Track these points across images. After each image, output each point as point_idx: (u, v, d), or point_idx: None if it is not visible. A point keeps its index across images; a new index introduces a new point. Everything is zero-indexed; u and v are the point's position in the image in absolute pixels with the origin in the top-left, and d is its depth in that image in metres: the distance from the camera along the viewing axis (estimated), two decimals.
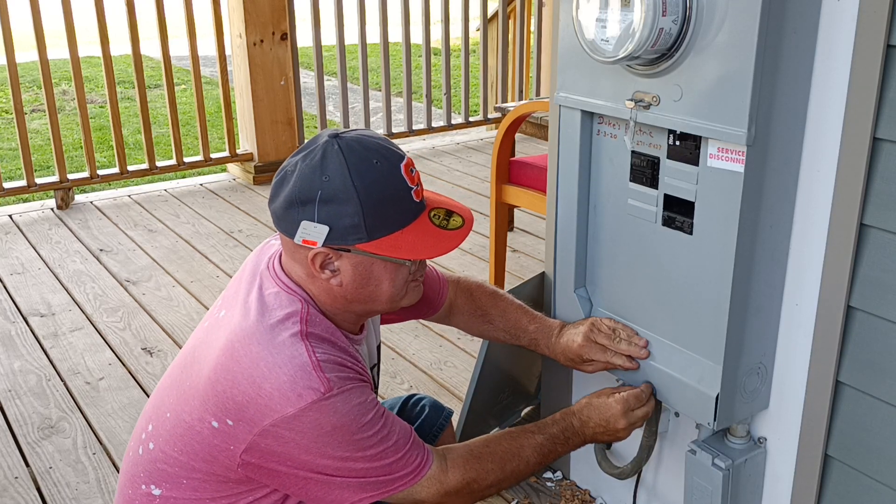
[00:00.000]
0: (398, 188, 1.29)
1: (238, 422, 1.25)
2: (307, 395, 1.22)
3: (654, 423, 1.69)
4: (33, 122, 6.44)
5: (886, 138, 1.32)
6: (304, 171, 1.27)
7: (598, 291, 1.77)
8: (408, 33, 4.88)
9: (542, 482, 2.12)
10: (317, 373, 1.23)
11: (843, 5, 1.33)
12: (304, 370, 1.23)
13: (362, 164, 1.26)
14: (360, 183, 1.25)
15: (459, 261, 3.51)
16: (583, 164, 1.70)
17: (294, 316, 1.30)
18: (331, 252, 1.29)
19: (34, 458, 2.27)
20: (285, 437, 1.23)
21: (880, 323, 1.40)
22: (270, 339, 1.27)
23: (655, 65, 1.45)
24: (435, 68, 5.26)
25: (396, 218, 1.29)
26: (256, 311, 1.31)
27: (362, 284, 1.32)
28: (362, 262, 1.30)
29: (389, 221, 1.28)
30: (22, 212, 4.16)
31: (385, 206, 1.27)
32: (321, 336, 1.30)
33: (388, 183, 1.27)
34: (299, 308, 1.31)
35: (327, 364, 1.25)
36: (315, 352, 1.25)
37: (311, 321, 1.31)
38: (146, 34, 4.36)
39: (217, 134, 5.78)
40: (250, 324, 1.30)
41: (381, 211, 1.27)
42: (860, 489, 1.49)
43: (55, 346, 2.84)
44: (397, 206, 1.29)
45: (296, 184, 1.27)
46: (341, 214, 1.25)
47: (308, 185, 1.26)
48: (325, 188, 1.25)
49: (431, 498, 1.32)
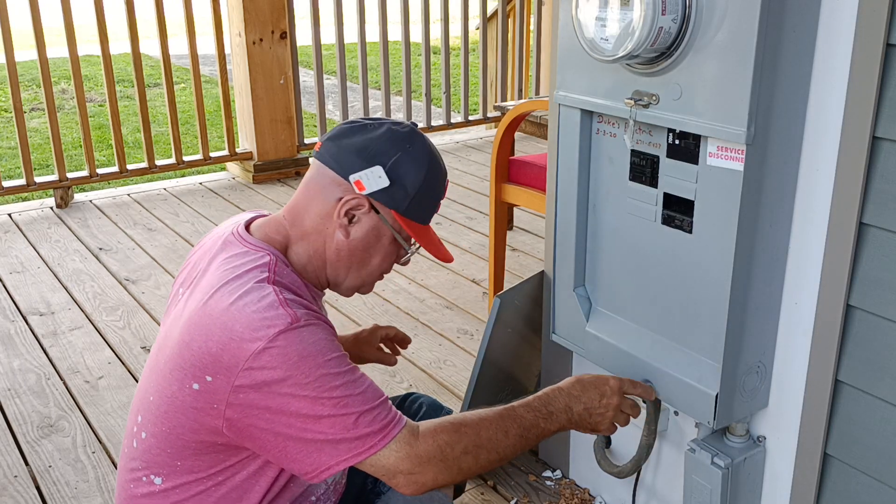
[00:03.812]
0: (440, 193, 1.44)
1: (216, 375, 1.25)
2: (274, 327, 1.22)
3: (654, 421, 1.69)
4: (32, 120, 6.44)
5: (886, 137, 1.32)
6: (395, 133, 1.38)
7: (597, 290, 1.77)
8: (407, 32, 4.88)
9: (541, 481, 2.12)
10: (283, 308, 1.25)
11: (842, 4, 1.33)
12: (271, 307, 1.25)
13: (438, 160, 1.43)
14: (431, 168, 1.40)
15: (459, 260, 3.51)
16: (582, 162, 1.70)
17: (262, 267, 1.33)
18: (366, 204, 1.37)
19: (33, 457, 2.27)
20: (258, 379, 1.22)
21: (880, 322, 1.40)
22: (238, 287, 1.28)
23: (655, 63, 1.45)
24: (434, 67, 5.26)
25: (427, 213, 1.43)
26: (223, 271, 1.33)
27: (363, 247, 1.40)
28: (379, 228, 1.39)
29: (423, 212, 1.42)
30: (21, 210, 4.16)
31: (429, 199, 1.41)
32: (287, 286, 1.33)
33: (441, 183, 1.44)
34: (267, 261, 1.34)
35: (293, 302, 1.27)
36: (281, 293, 1.28)
37: (278, 272, 1.34)
38: (145, 33, 4.36)
39: (216, 133, 5.78)
40: (217, 281, 1.31)
41: (425, 200, 1.40)
42: (859, 488, 1.50)
43: (55, 345, 2.84)
44: (432, 204, 1.43)
45: (382, 136, 1.36)
46: (404, 181, 1.36)
47: (393, 144, 1.36)
48: (408, 153, 1.37)
49: (402, 464, 1.27)
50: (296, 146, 4.64)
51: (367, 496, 1.68)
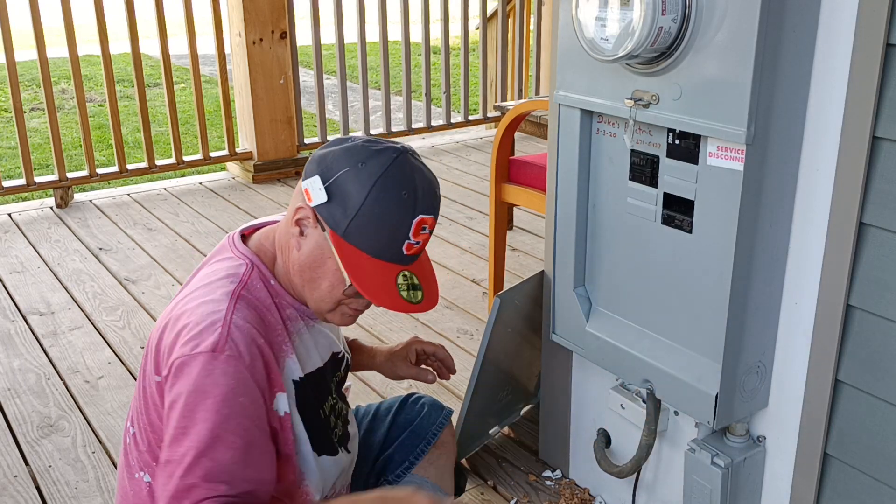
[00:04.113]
0: (398, 227, 1.28)
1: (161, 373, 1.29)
2: (201, 346, 1.23)
3: (654, 421, 1.69)
4: (32, 120, 6.43)
5: (886, 137, 1.32)
6: (357, 147, 1.29)
7: (597, 290, 1.77)
8: (407, 32, 4.88)
9: (541, 481, 2.12)
10: (222, 328, 1.25)
11: (842, 4, 1.33)
12: (213, 325, 1.25)
13: (393, 184, 1.26)
14: (375, 195, 1.25)
15: (459, 260, 3.51)
16: (582, 162, 1.70)
17: (233, 277, 1.32)
18: (312, 217, 1.29)
19: (33, 457, 2.27)
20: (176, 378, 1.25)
21: (879, 321, 1.40)
22: (205, 293, 1.30)
23: (655, 63, 1.45)
24: (434, 67, 5.26)
25: (375, 245, 1.28)
26: (201, 276, 1.36)
27: (311, 266, 1.32)
28: (323, 248, 1.30)
29: (368, 241, 1.27)
30: (21, 210, 4.16)
31: (374, 229, 1.27)
32: (254, 303, 1.31)
33: (393, 216, 1.27)
34: (242, 270, 1.33)
35: (236, 330, 1.25)
36: (234, 312, 1.27)
37: (250, 285, 1.32)
38: (145, 33, 4.36)
39: (216, 133, 5.78)
40: (192, 286, 1.35)
41: (368, 228, 1.26)
42: (859, 487, 1.50)
43: (54, 345, 2.84)
44: (383, 238, 1.28)
45: (344, 148, 1.29)
46: (343, 199, 1.26)
47: (346, 157, 1.28)
48: (353, 172, 1.27)
49: None
50: (296, 146, 4.64)
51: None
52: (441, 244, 3.69)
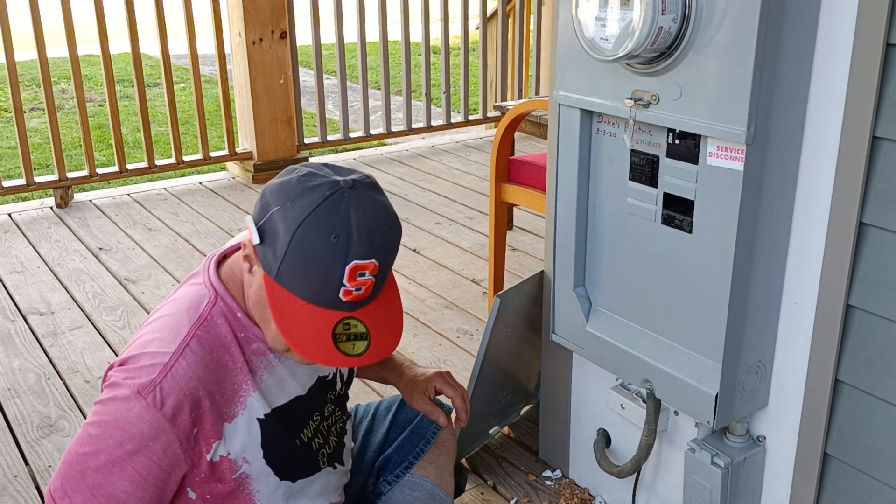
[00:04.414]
0: (329, 273, 1.17)
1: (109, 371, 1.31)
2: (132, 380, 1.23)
3: (654, 421, 1.69)
4: (32, 120, 6.43)
5: (886, 137, 1.32)
6: (292, 182, 1.21)
7: (597, 290, 1.77)
8: (407, 32, 4.88)
9: (541, 480, 2.12)
10: (157, 375, 1.23)
11: (842, 4, 1.33)
12: (153, 367, 1.24)
13: (320, 227, 1.16)
14: (300, 239, 1.16)
15: (459, 259, 3.51)
16: (582, 162, 1.70)
17: (195, 312, 1.29)
18: (254, 256, 1.24)
19: (33, 457, 2.27)
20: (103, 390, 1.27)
21: (879, 321, 1.40)
22: (164, 326, 1.28)
23: (655, 63, 1.45)
24: (434, 67, 5.26)
25: (307, 290, 1.19)
26: (170, 302, 1.34)
27: (259, 306, 1.26)
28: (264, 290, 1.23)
29: (299, 286, 1.19)
30: (21, 210, 4.16)
31: (304, 274, 1.18)
32: (209, 343, 1.27)
33: (320, 263, 1.17)
34: (204, 305, 1.29)
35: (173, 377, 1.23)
36: (182, 357, 1.24)
37: (209, 322, 1.28)
38: (145, 33, 4.36)
39: (216, 132, 5.78)
40: (161, 311, 1.33)
41: (298, 273, 1.18)
42: (859, 487, 1.50)
43: (54, 345, 2.84)
44: (315, 283, 1.18)
45: (280, 183, 1.23)
46: (273, 241, 1.19)
47: (278, 195, 1.21)
48: (281, 211, 1.19)
49: None
50: (296, 146, 4.64)
51: (368, 496, 1.68)
52: (441, 244, 3.69)
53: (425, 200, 4.27)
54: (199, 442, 1.27)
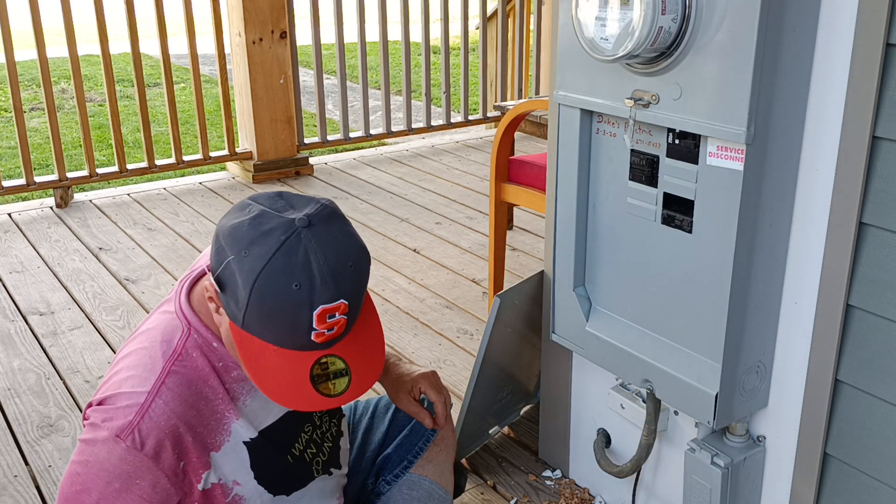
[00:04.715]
0: (295, 320, 1.12)
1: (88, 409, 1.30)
2: (110, 422, 1.22)
3: (654, 421, 1.69)
4: (32, 120, 6.43)
5: (885, 137, 1.32)
6: (243, 228, 1.14)
7: (597, 290, 1.77)
8: (407, 32, 4.88)
9: (541, 480, 2.12)
10: (134, 416, 1.21)
11: (842, 4, 1.33)
12: (130, 408, 1.22)
13: (280, 276, 1.10)
14: (260, 290, 1.10)
15: (459, 259, 3.51)
16: (582, 162, 1.70)
17: (168, 345, 1.26)
18: (216, 301, 1.20)
19: (33, 457, 2.27)
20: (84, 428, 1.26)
21: (879, 321, 1.40)
22: (138, 362, 1.26)
23: (655, 63, 1.45)
24: (434, 67, 5.26)
25: (276, 336, 1.14)
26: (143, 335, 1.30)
27: (230, 347, 1.23)
28: None
29: (267, 333, 1.14)
30: (21, 210, 4.16)
31: (270, 322, 1.13)
32: (186, 377, 1.25)
33: (285, 313, 1.11)
34: (177, 338, 1.26)
35: (151, 418, 1.21)
36: (157, 397, 1.22)
37: (184, 356, 1.25)
38: (145, 32, 4.36)
39: (216, 132, 5.78)
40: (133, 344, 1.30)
41: (263, 322, 1.13)
42: (859, 487, 1.50)
43: (54, 345, 2.84)
44: (283, 330, 1.13)
45: (232, 228, 1.15)
46: (233, 290, 1.14)
47: (231, 243, 1.14)
48: (237, 261, 1.12)
49: None
50: (296, 146, 4.64)
51: (367, 496, 1.68)
52: (441, 244, 3.70)
53: (425, 200, 4.27)
54: (188, 474, 1.26)
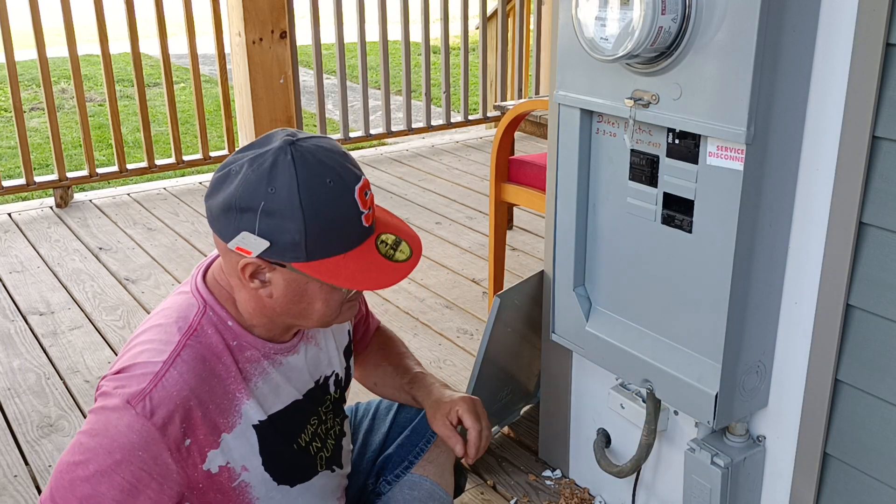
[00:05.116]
0: (348, 212, 1.20)
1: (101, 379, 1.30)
2: (123, 389, 1.22)
3: (654, 421, 1.69)
4: (32, 120, 6.43)
5: (886, 137, 1.32)
6: (249, 177, 1.18)
7: (597, 290, 1.77)
8: (407, 31, 4.88)
9: (541, 480, 2.12)
10: (148, 384, 1.21)
11: (842, 4, 1.33)
12: (145, 376, 1.22)
13: (314, 181, 1.17)
14: (308, 202, 1.17)
15: (459, 259, 3.51)
16: (582, 162, 1.70)
17: (184, 322, 1.27)
18: (264, 264, 1.21)
19: (33, 457, 2.27)
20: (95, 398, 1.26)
21: (879, 321, 1.40)
22: (154, 336, 1.27)
23: (655, 63, 1.45)
24: (434, 66, 5.26)
25: (340, 242, 1.21)
26: (160, 312, 1.32)
27: (293, 301, 1.26)
28: (296, 280, 1.23)
29: (332, 245, 1.20)
30: (21, 210, 4.16)
31: (330, 230, 1.19)
32: (200, 353, 1.26)
33: (338, 205, 1.19)
34: (193, 314, 1.28)
35: (163, 388, 1.22)
36: (171, 367, 1.23)
37: (199, 332, 1.27)
38: (145, 32, 4.36)
39: (216, 132, 5.78)
40: (150, 321, 1.32)
41: (325, 234, 1.19)
42: (859, 487, 1.50)
43: (54, 345, 2.84)
44: (343, 230, 1.21)
45: (238, 188, 1.18)
46: (283, 230, 1.18)
47: (251, 194, 1.17)
48: (269, 200, 1.17)
49: None
50: None
51: (368, 496, 1.68)
52: (441, 244, 3.69)
53: (425, 200, 4.27)
54: (193, 452, 1.26)
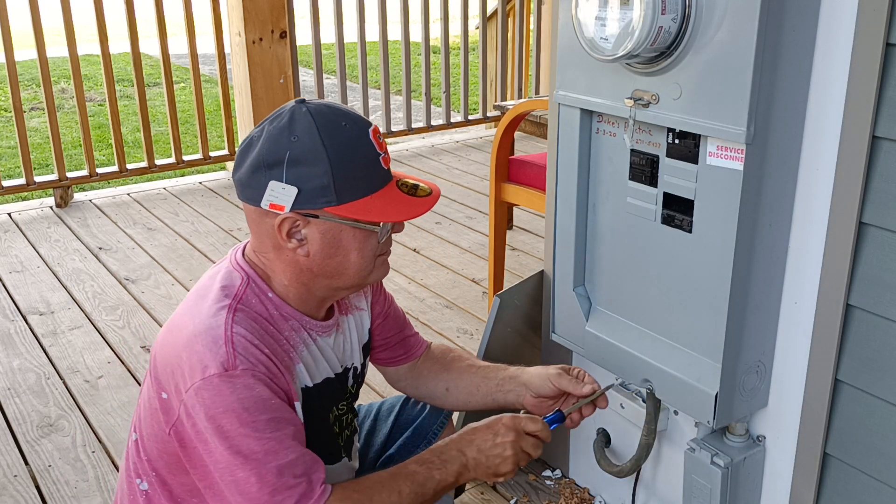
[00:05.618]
0: (367, 152, 1.28)
1: (170, 393, 1.27)
2: (211, 367, 1.22)
3: (653, 421, 1.69)
4: (32, 120, 6.43)
5: (885, 136, 1.32)
6: (272, 133, 1.26)
7: (597, 290, 1.77)
8: (407, 31, 4.88)
9: (541, 480, 2.12)
10: (226, 347, 1.23)
11: (842, 4, 1.33)
12: (215, 342, 1.23)
13: (331, 126, 1.26)
14: (331, 143, 1.24)
15: (459, 259, 3.51)
16: (582, 162, 1.70)
17: (229, 290, 1.30)
18: (298, 218, 1.27)
19: (33, 457, 2.27)
20: (190, 415, 1.24)
21: (879, 321, 1.40)
22: (199, 310, 1.29)
23: (655, 63, 1.44)
24: (434, 66, 5.26)
25: (366, 182, 1.28)
26: (198, 288, 1.34)
27: (330, 254, 1.30)
28: (331, 230, 1.28)
29: (359, 185, 1.27)
30: (21, 210, 4.16)
31: (355, 169, 1.26)
32: (251, 315, 1.29)
33: (357, 146, 1.27)
34: (237, 284, 1.31)
35: (240, 341, 1.24)
36: (233, 326, 1.25)
37: (245, 299, 1.30)
38: (145, 32, 4.36)
39: (216, 132, 5.78)
40: (189, 298, 1.34)
41: (350, 173, 1.26)
42: (859, 487, 1.50)
43: (54, 345, 2.84)
44: (366, 171, 1.28)
45: (263, 146, 1.26)
46: (311, 175, 1.24)
47: (276, 147, 1.25)
48: (294, 148, 1.24)
49: None
50: None
51: None
52: (441, 244, 3.69)
53: None
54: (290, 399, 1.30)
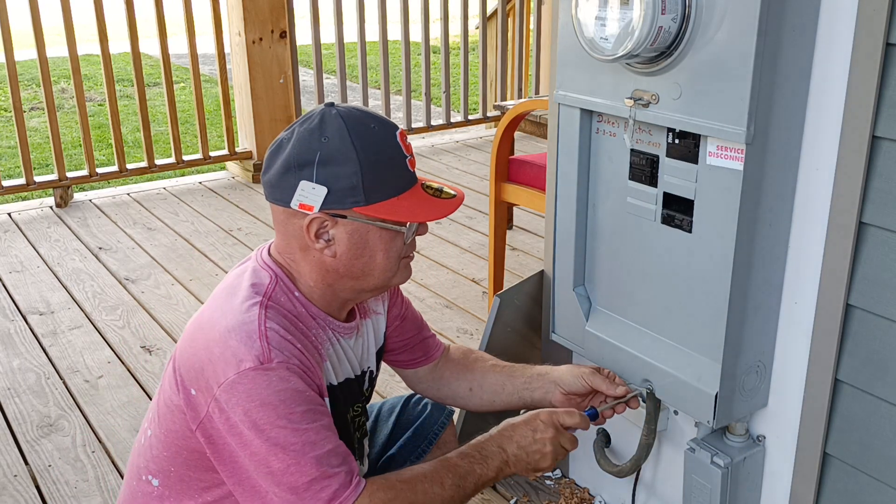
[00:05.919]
0: (395, 154, 1.31)
1: (199, 390, 1.27)
2: (246, 361, 1.22)
3: (654, 421, 1.69)
4: (32, 120, 6.43)
5: (885, 136, 1.32)
6: (303, 135, 1.29)
7: (597, 290, 1.77)
8: (407, 31, 4.88)
9: (541, 480, 2.12)
10: (260, 341, 1.23)
11: (842, 4, 1.33)
12: (249, 337, 1.24)
13: (361, 127, 1.28)
14: (360, 144, 1.27)
15: (459, 259, 3.51)
16: (582, 162, 1.70)
17: (259, 287, 1.31)
18: (327, 218, 1.29)
19: (33, 457, 2.27)
20: (224, 410, 1.24)
21: (879, 321, 1.40)
22: (230, 306, 1.29)
23: (655, 63, 1.45)
24: (434, 66, 5.26)
25: (393, 183, 1.30)
26: (226, 286, 1.35)
27: (357, 255, 1.32)
28: (358, 230, 1.30)
29: (387, 186, 1.30)
30: (21, 210, 4.16)
31: (383, 170, 1.29)
32: (281, 311, 1.30)
33: (385, 147, 1.30)
34: (267, 282, 1.32)
35: (277, 335, 1.25)
36: (266, 321, 1.26)
37: (275, 296, 1.31)
38: (145, 32, 4.36)
39: (216, 132, 5.78)
40: (218, 293, 1.34)
41: (379, 174, 1.28)
42: (859, 487, 1.50)
43: (54, 345, 2.84)
44: (394, 172, 1.31)
45: (294, 147, 1.29)
46: (340, 175, 1.26)
47: (307, 147, 1.28)
48: (325, 149, 1.27)
49: None
50: None
51: None
52: (441, 244, 3.69)
53: None
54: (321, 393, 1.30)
